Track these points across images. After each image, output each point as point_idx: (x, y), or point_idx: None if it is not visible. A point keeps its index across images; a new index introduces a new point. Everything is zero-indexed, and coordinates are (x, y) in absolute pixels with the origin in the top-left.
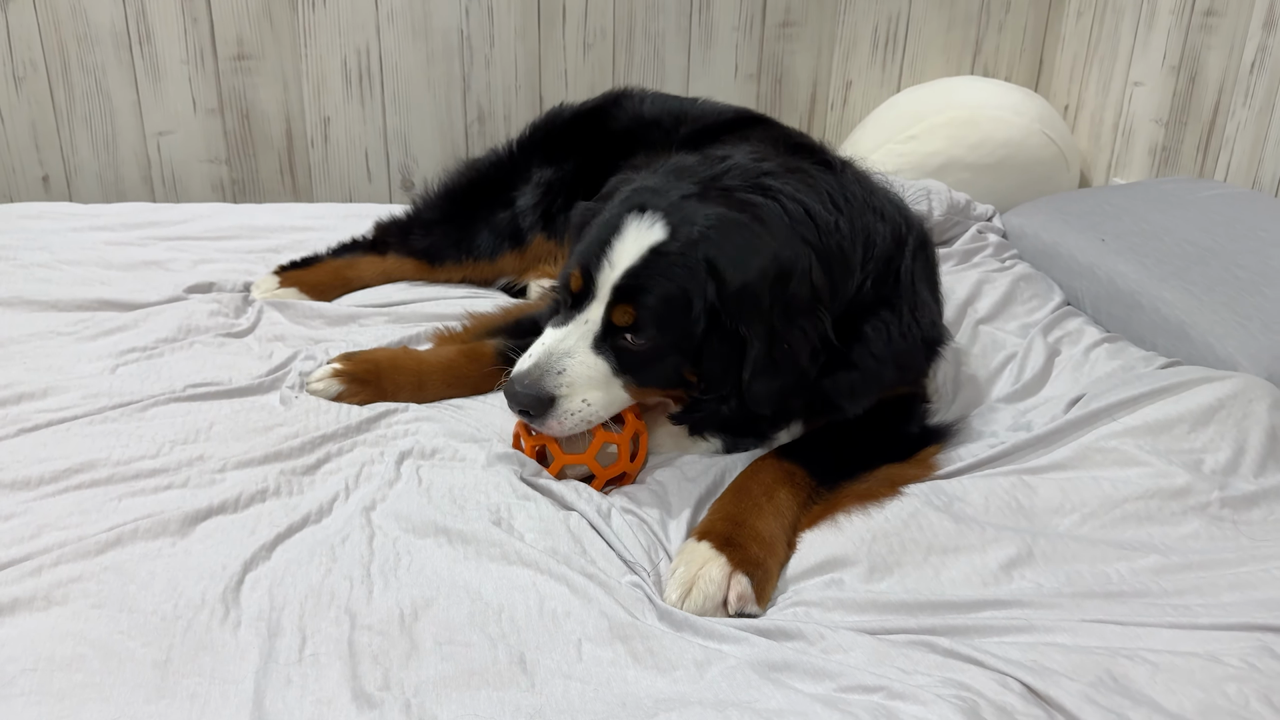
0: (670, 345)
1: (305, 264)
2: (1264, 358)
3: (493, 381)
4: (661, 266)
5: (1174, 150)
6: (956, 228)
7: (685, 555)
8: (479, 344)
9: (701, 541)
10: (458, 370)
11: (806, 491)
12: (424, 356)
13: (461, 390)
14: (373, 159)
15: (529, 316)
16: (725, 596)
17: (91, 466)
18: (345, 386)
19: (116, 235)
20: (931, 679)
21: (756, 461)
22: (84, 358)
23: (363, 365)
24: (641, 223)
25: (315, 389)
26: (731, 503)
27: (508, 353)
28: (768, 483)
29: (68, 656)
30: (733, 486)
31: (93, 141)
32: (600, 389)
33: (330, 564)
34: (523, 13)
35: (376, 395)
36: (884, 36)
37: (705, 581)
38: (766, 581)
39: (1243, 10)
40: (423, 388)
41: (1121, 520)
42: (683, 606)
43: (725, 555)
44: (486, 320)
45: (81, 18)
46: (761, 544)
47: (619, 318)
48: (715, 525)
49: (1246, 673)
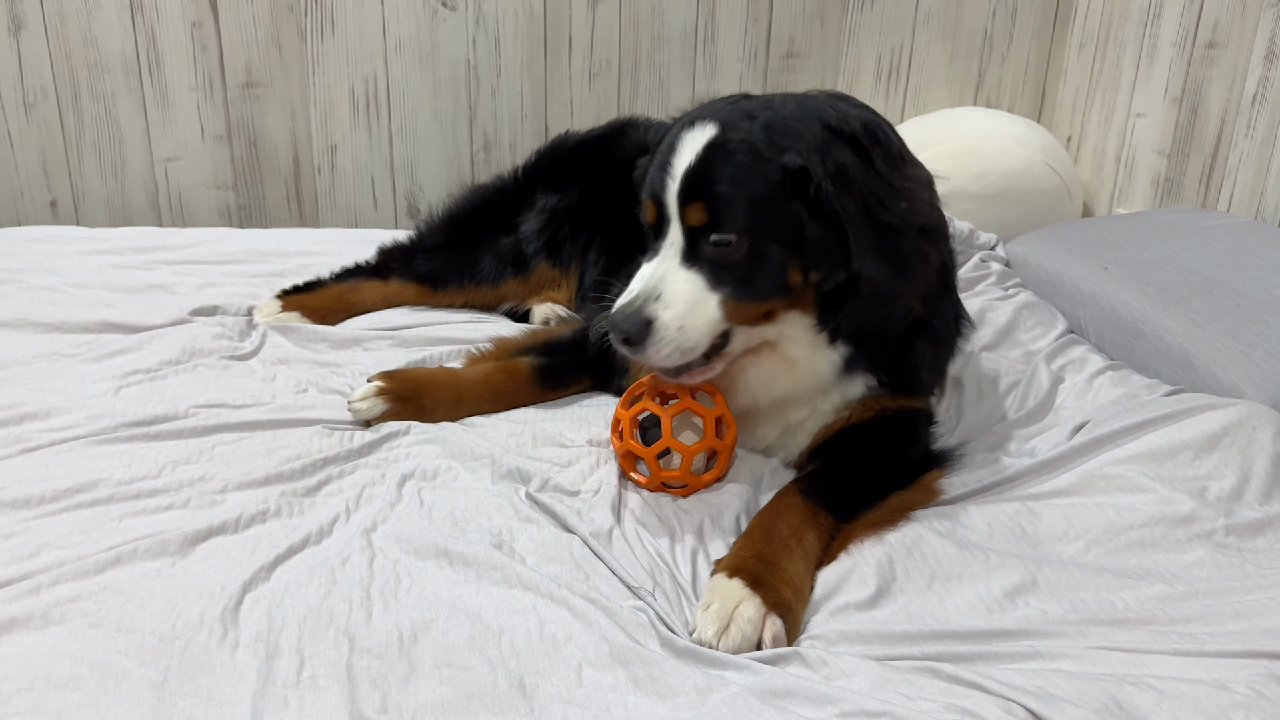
0: (763, 237)
1: (308, 288)
2: (1267, 385)
3: (527, 397)
4: (723, 155)
5: (1176, 181)
6: (960, 256)
7: (718, 591)
8: (514, 360)
9: (734, 579)
10: (494, 385)
11: (830, 533)
12: (461, 373)
13: (497, 405)
14: (379, 186)
15: (555, 338)
16: (761, 637)
17: (92, 486)
18: (390, 405)
19: (122, 259)
20: (935, 705)
21: (779, 500)
22: (88, 379)
23: (404, 383)
24: (693, 131)
25: (359, 408)
26: (762, 541)
27: (543, 371)
28: (795, 524)
29: (65, 676)
30: (760, 524)
31: (101, 167)
32: (697, 310)
33: (330, 585)
34: (529, 43)
35: (416, 413)
36: (887, 68)
37: (743, 621)
38: (794, 625)
39: (1244, 43)
40: (460, 403)
41: (1126, 547)
42: (718, 644)
43: (760, 596)
44: (514, 342)
45: (92, 45)
46: (792, 589)
47: (693, 218)
48: (746, 563)
49: (1253, 700)
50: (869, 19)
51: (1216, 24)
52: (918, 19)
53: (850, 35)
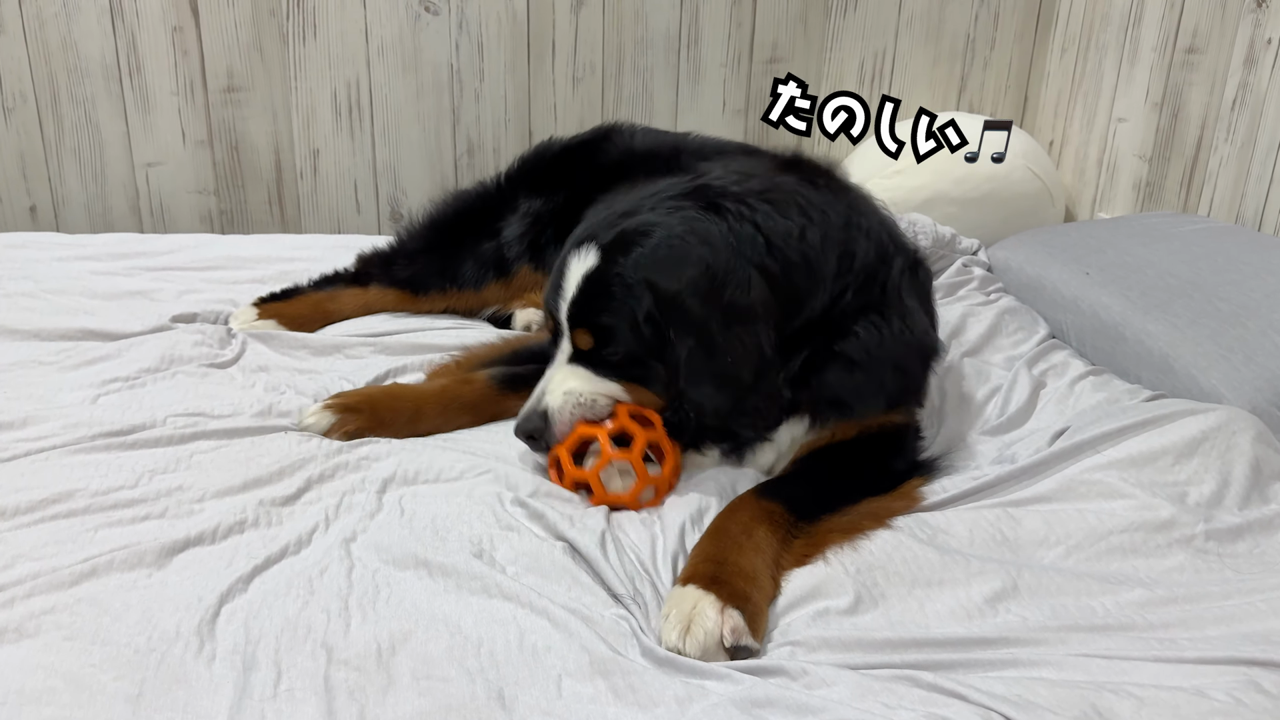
0: (638, 351)
1: (285, 296)
2: (1246, 389)
3: (490, 410)
4: (598, 289)
5: (1158, 185)
6: (942, 261)
7: (675, 601)
8: (472, 374)
9: (688, 585)
10: (453, 398)
11: (785, 527)
12: (419, 388)
13: (459, 420)
14: (362, 191)
15: (527, 348)
16: (721, 632)
17: (69, 496)
18: (338, 417)
19: (102, 265)
20: (915, 714)
21: (734, 502)
22: (65, 387)
23: (355, 398)
24: (579, 254)
25: (307, 424)
26: (711, 544)
27: (502, 379)
28: (745, 521)
29: (38, 689)
30: (711, 529)
31: (81, 172)
32: (586, 382)
33: (308, 596)
34: (512, 47)
35: (372, 425)
36: (870, 72)
37: (702, 618)
38: (758, 615)
39: (1223, 47)
40: (419, 418)
41: (1106, 553)
42: (685, 647)
43: (714, 593)
44: (479, 354)
45: (72, 50)
46: (745, 579)
47: (581, 342)
48: (699, 567)
49: (1232, 707)
50: (852, 23)
51: (1196, 29)
52: (900, 23)
53: (833, 40)
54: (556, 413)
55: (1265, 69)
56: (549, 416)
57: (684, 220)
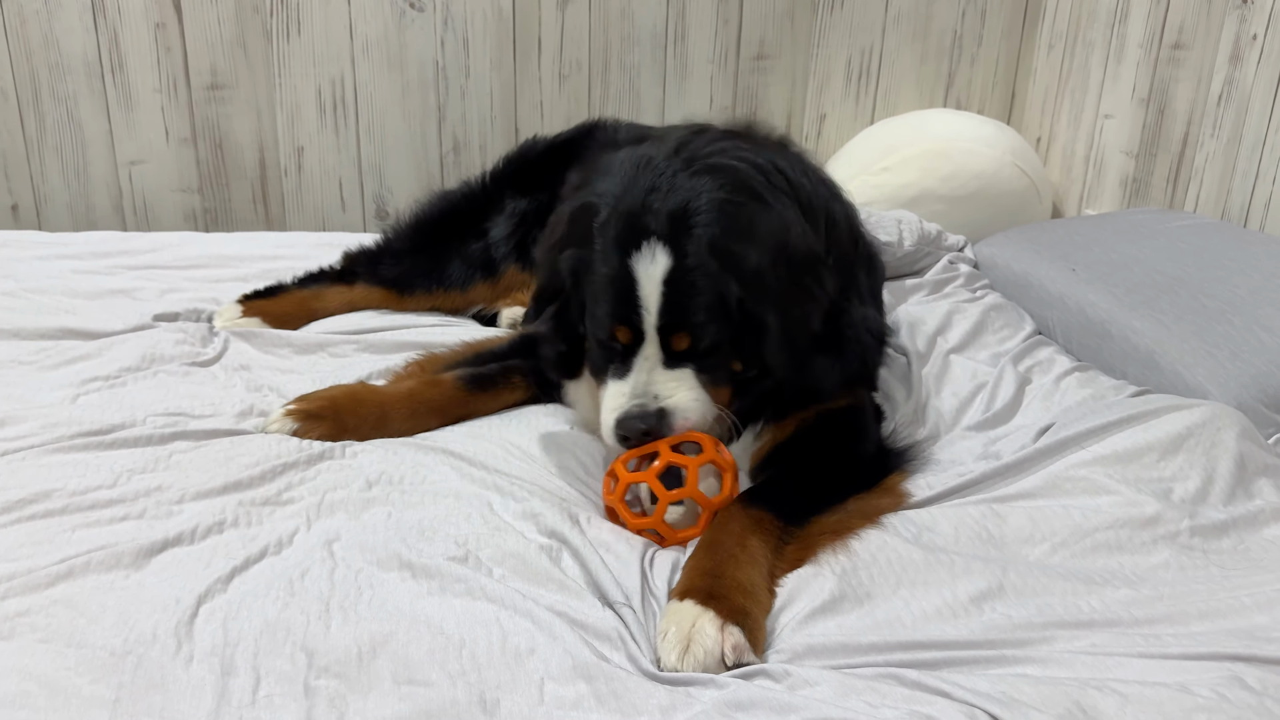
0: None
1: (269, 293)
2: (1232, 385)
3: (457, 411)
4: (688, 288)
5: (1144, 182)
6: (928, 258)
7: (672, 617)
8: (439, 376)
9: (685, 600)
10: (421, 401)
11: (776, 535)
12: (384, 390)
13: (427, 423)
14: (347, 189)
15: (489, 349)
16: (722, 650)
17: (46, 497)
18: (301, 424)
19: (84, 264)
20: (899, 712)
21: (723, 513)
22: (45, 386)
23: (317, 402)
24: (642, 255)
25: (270, 431)
26: (706, 557)
27: (470, 380)
28: (737, 532)
29: (12, 693)
30: (703, 542)
31: (63, 171)
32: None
33: (288, 598)
34: (498, 44)
35: (336, 431)
36: (857, 70)
37: (701, 637)
38: (757, 630)
39: (1209, 44)
40: (385, 421)
41: (1092, 550)
42: (683, 667)
43: (712, 609)
44: (442, 357)
45: (54, 47)
46: (744, 593)
47: (678, 345)
48: (695, 582)
49: (1216, 703)
50: (839, 20)
51: (1182, 25)
52: (888, 20)
53: (820, 37)
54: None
55: (1250, 65)
56: (672, 414)
57: (714, 181)
